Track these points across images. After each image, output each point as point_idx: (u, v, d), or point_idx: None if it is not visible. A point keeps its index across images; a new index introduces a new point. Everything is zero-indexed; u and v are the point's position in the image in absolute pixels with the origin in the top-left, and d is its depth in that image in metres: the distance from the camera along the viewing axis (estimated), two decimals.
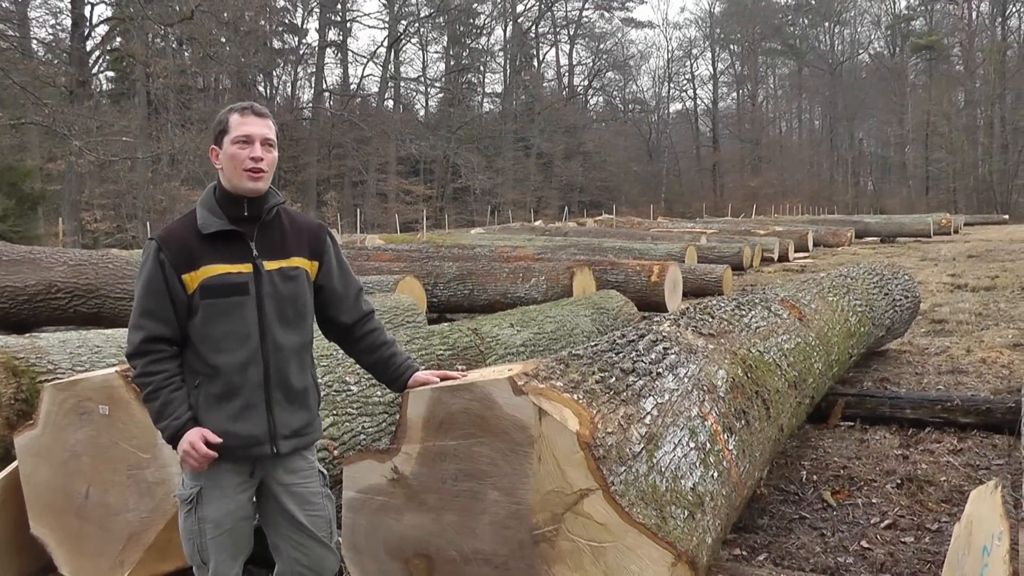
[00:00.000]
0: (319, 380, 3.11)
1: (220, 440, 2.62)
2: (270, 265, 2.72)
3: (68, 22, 42.56)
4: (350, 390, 4.53)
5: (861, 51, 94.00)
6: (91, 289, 9.71)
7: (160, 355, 2.64)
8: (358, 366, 4.63)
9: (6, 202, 23.86)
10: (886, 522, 4.43)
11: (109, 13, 43.87)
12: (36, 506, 3.79)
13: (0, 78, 28.98)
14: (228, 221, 2.68)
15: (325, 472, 2.94)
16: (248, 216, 2.72)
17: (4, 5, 38.41)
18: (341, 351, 4.64)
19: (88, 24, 41.31)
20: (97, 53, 43.65)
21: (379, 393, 4.65)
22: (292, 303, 2.76)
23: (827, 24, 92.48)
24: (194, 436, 2.59)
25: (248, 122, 2.69)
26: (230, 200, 2.71)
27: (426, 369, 3.03)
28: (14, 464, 3.89)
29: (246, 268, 2.68)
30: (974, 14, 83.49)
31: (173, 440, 2.63)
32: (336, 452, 4.16)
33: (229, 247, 2.68)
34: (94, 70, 44.11)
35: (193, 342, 2.66)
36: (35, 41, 42.22)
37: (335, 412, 4.33)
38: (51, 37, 44.85)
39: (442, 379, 2.91)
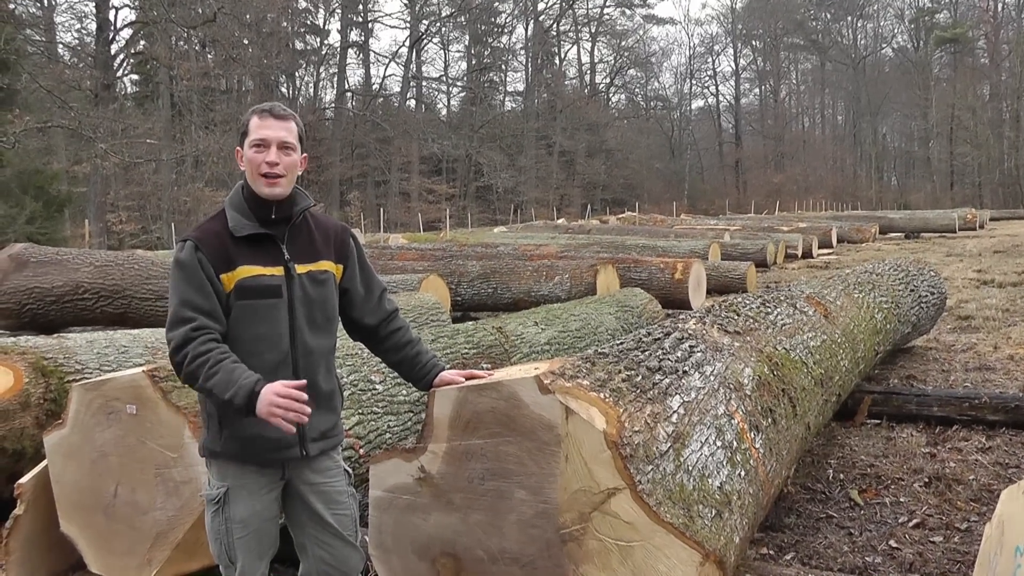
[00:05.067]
0: (343, 381, 3.11)
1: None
2: (301, 268, 2.70)
3: (93, 26, 43.06)
4: (375, 389, 4.54)
5: (884, 45, 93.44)
6: (117, 290, 9.78)
7: (209, 336, 2.51)
8: (383, 365, 4.66)
9: (33, 205, 24.11)
10: (914, 521, 4.40)
11: (133, 17, 44.32)
12: (65, 505, 3.82)
13: (27, 82, 29.27)
14: (258, 223, 2.67)
15: (350, 471, 2.94)
16: (276, 219, 2.70)
17: (31, 11, 38.82)
18: (366, 350, 4.67)
19: (113, 28, 41.71)
20: (121, 56, 44.05)
21: (404, 392, 4.65)
22: (321, 307, 2.75)
23: (850, 18, 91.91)
24: (276, 387, 2.40)
25: (266, 125, 2.66)
26: (258, 202, 2.68)
27: (451, 368, 3.03)
28: (44, 463, 3.93)
29: (278, 271, 2.66)
30: (999, 6, 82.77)
31: (250, 400, 2.39)
32: (362, 451, 4.17)
33: (262, 249, 2.66)
34: (119, 73, 44.48)
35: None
36: (61, 46, 42.82)
37: (360, 411, 4.34)
38: (76, 41, 45.50)
39: (468, 378, 2.91)
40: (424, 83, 75.12)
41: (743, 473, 3.16)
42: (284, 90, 61.46)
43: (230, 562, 2.70)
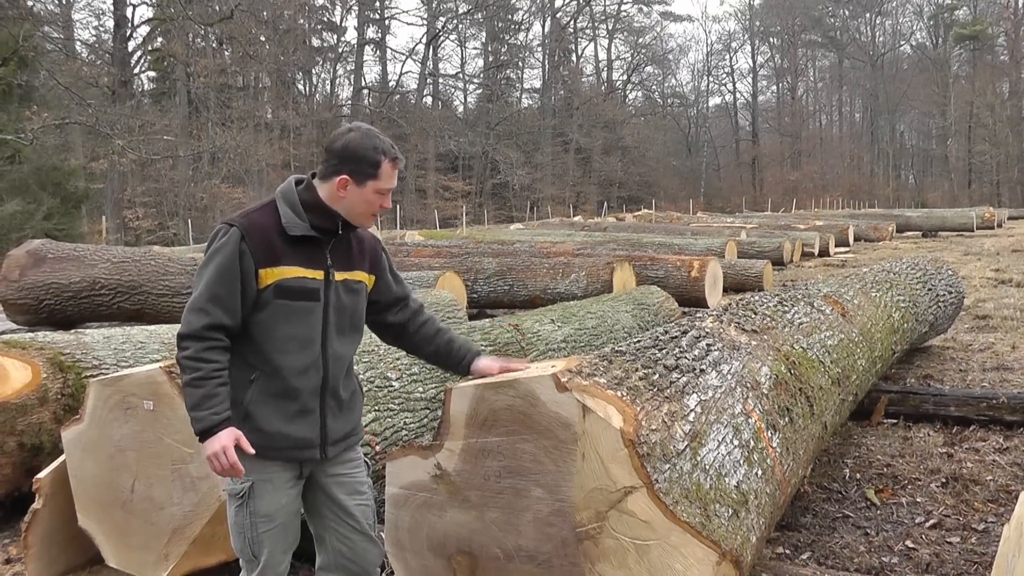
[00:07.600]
0: (359, 378, 3.12)
1: (253, 451, 2.55)
2: (339, 276, 2.74)
3: (111, 23, 43.31)
4: (392, 386, 4.55)
5: (903, 42, 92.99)
6: (134, 286, 9.84)
7: (217, 344, 2.56)
8: (399, 362, 4.67)
9: (51, 201, 24.20)
10: (931, 522, 4.37)
11: (150, 14, 44.57)
12: (83, 499, 3.84)
13: (45, 79, 29.46)
14: (309, 226, 2.68)
15: (369, 463, 2.96)
16: (337, 231, 2.74)
17: (50, 8, 39.06)
18: (382, 346, 4.68)
19: (130, 25, 42.02)
20: (139, 53, 44.38)
21: (421, 389, 4.66)
22: (351, 315, 2.79)
23: (868, 15, 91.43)
24: (228, 439, 2.50)
25: (395, 176, 2.74)
26: (324, 212, 2.70)
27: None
28: (62, 458, 3.95)
29: (319, 275, 2.69)
30: (1020, 2, 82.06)
31: (205, 434, 2.50)
32: (378, 447, 4.18)
33: (308, 251, 2.68)
34: (136, 70, 44.82)
35: (255, 338, 2.64)
36: (79, 43, 43.02)
37: (377, 408, 4.35)
38: (94, 38, 45.74)
39: (503, 370, 2.94)
40: (441, 80, 75.17)
41: (760, 472, 3.15)
42: (301, 87, 61.62)
43: (253, 556, 2.69)
